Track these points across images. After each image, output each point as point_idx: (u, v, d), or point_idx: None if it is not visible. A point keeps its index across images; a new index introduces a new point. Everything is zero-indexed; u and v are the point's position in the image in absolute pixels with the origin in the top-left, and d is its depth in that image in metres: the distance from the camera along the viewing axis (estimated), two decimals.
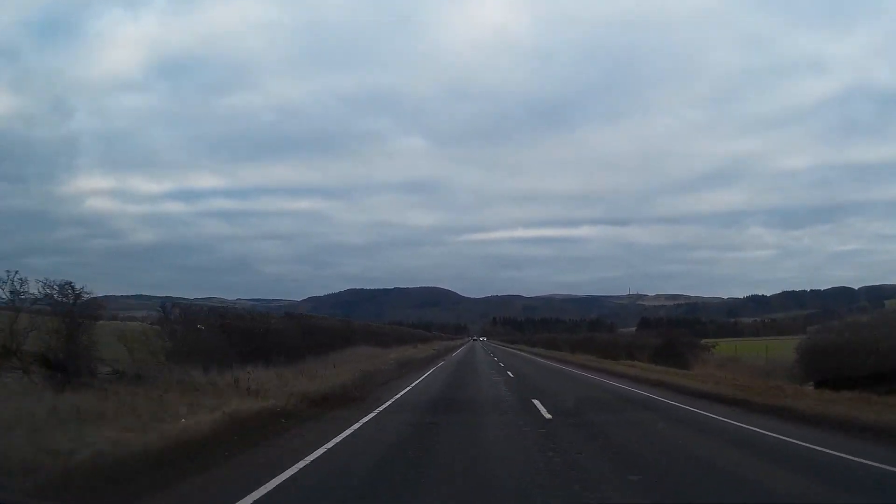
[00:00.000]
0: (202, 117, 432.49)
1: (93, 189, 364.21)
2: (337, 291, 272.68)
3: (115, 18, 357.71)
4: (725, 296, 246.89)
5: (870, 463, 7.55)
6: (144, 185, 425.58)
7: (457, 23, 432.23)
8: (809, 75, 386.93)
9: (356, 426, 10.03)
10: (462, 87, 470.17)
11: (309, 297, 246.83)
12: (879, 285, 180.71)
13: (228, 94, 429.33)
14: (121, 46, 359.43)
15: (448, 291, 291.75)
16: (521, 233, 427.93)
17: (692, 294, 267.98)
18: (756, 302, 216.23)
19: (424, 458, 7.78)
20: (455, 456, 7.88)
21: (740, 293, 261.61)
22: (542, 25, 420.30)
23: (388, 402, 13.84)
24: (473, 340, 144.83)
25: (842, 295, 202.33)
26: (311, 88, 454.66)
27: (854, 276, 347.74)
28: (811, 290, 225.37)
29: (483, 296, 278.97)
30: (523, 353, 59.69)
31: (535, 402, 13.98)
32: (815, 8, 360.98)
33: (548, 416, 11.84)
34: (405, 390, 16.98)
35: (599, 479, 6.54)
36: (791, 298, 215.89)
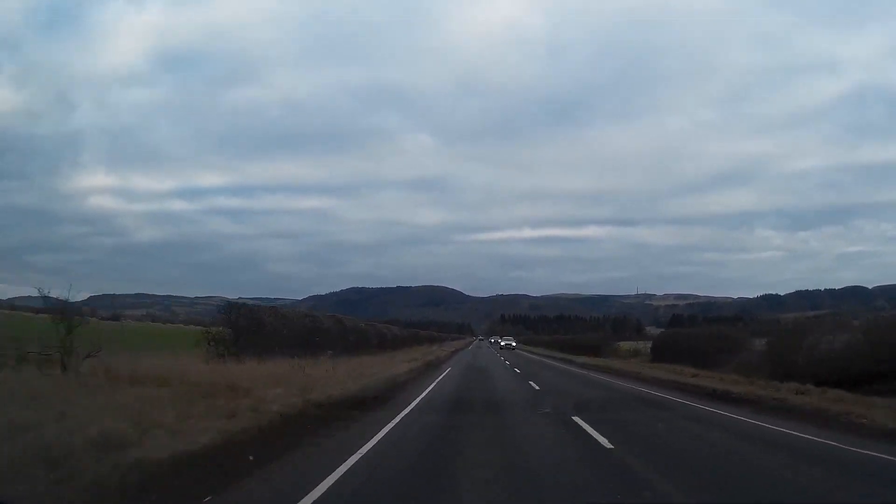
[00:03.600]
0: (207, 112, 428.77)
1: (97, 186, 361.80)
2: (339, 290, 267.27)
3: (119, 10, 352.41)
4: (735, 295, 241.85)
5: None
6: (148, 182, 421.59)
7: (467, 16, 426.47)
8: (822, 75, 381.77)
9: None
10: (471, 82, 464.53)
11: (310, 296, 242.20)
12: (894, 285, 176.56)
13: (234, 88, 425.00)
14: (125, 39, 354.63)
15: (453, 290, 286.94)
16: (528, 232, 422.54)
17: (701, 294, 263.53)
18: (770, 301, 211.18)
19: None
20: None
21: (749, 293, 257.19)
22: (554, 21, 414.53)
23: None
24: (479, 340, 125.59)
25: (856, 294, 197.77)
26: (319, 83, 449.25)
27: (864, 277, 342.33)
28: (826, 290, 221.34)
29: (489, 295, 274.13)
30: None
31: None
32: (828, 7, 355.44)
33: None
34: None
35: None
36: (805, 298, 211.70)
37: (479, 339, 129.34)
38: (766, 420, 11.76)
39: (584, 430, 9.68)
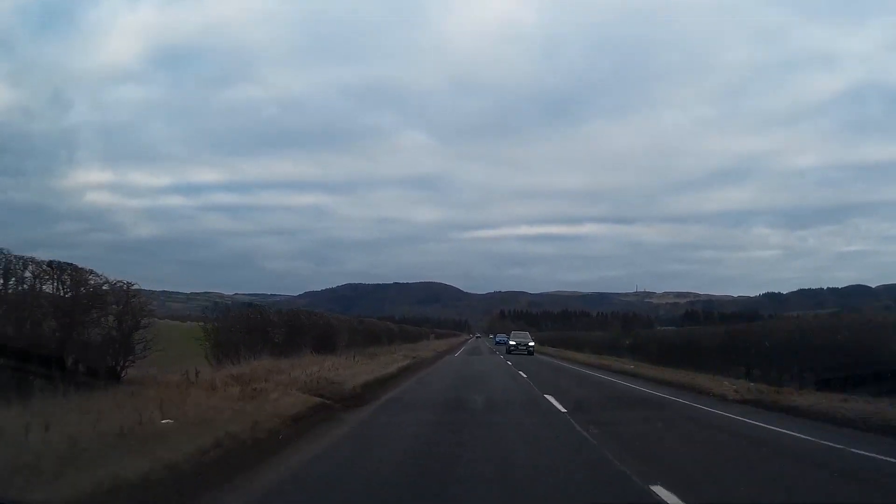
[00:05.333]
0: (203, 110, 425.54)
1: (93, 182, 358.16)
2: (335, 286, 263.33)
3: (113, 8, 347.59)
4: (735, 294, 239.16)
5: None
6: (144, 178, 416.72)
7: (462, 13, 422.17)
8: (820, 71, 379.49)
9: None
10: (467, 80, 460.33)
11: (306, 292, 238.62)
12: None
13: (229, 86, 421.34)
14: (119, 37, 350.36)
15: (451, 287, 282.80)
16: (525, 230, 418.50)
17: (701, 292, 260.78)
18: (772, 299, 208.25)
19: None
20: None
21: (748, 292, 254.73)
22: (549, 16, 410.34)
23: None
24: (477, 338, 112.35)
25: (860, 293, 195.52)
26: (314, 81, 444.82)
27: (866, 275, 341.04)
28: (828, 289, 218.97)
29: (487, 292, 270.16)
30: None
31: None
32: (827, 2, 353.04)
33: None
34: None
35: None
36: (808, 296, 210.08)
37: (477, 338, 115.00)
38: None
39: None
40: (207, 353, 16.60)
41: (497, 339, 75.33)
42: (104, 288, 10.16)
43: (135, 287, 10.78)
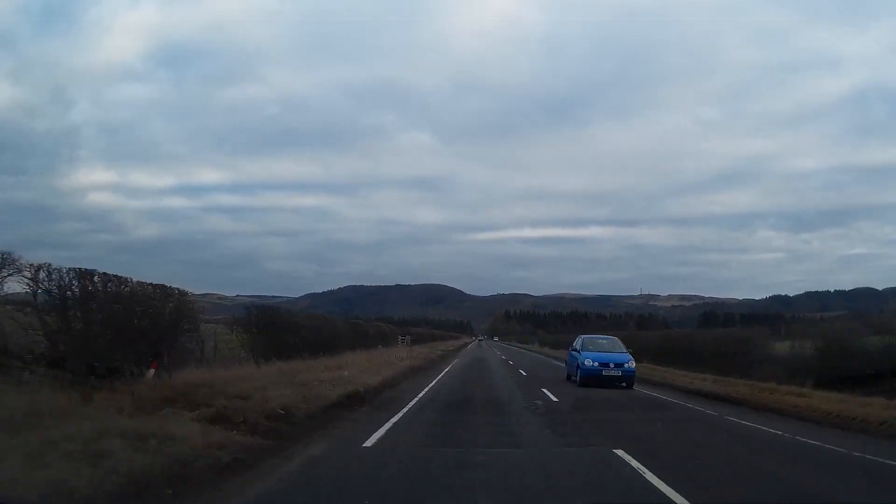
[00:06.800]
0: (205, 109, 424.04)
1: (95, 182, 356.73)
2: (336, 288, 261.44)
3: (115, 5, 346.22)
4: (740, 297, 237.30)
5: None
6: (146, 178, 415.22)
7: (464, 13, 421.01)
8: (824, 73, 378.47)
9: None
10: (469, 80, 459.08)
11: (307, 294, 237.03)
12: None
13: (231, 85, 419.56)
14: (121, 35, 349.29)
15: (453, 289, 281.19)
16: (528, 232, 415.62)
17: (705, 295, 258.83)
18: (779, 302, 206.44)
19: None
20: None
21: (753, 294, 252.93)
22: (552, 16, 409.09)
23: None
24: (479, 341, 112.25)
25: (866, 295, 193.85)
26: (316, 81, 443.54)
27: (872, 278, 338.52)
28: (835, 291, 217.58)
29: (490, 294, 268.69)
30: None
31: None
32: (832, 3, 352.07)
33: None
34: None
35: None
36: (815, 299, 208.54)
37: (479, 341, 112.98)
38: None
39: None
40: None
41: (588, 359, 19.74)
42: None
43: None
